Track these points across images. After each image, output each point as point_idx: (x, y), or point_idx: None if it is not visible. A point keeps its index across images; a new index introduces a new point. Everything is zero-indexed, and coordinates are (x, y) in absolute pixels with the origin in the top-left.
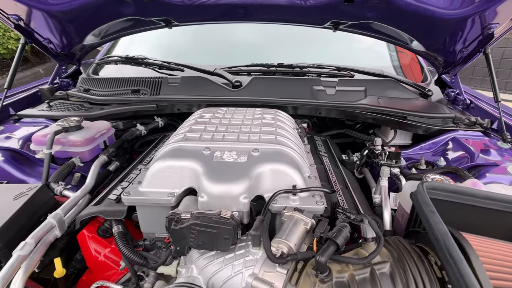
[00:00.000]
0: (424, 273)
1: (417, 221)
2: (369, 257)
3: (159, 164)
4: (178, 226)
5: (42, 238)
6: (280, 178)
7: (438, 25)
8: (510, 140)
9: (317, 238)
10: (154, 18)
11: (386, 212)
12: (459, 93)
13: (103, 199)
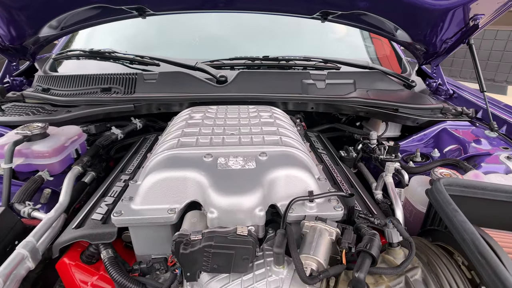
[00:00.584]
0: (457, 276)
1: (435, 219)
2: (403, 265)
3: (155, 177)
4: (188, 250)
5: (12, 274)
6: (294, 184)
7: (426, 15)
8: (497, 129)
9: (346, 249)
10: (126, 6)
11: (399, 211)
12: (441, 84)
13: (85, 220)
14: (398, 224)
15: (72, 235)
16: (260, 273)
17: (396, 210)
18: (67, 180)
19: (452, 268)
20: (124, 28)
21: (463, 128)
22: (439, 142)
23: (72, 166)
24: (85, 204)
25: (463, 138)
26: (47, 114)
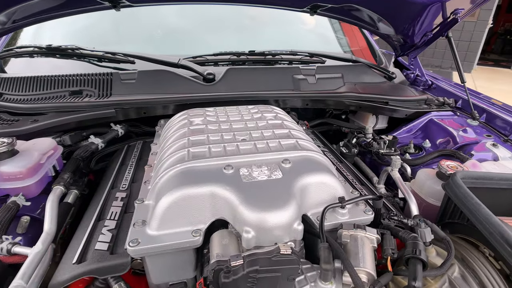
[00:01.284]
0: (491, 269)
1: (453, 212)
2: (445, 265)
3: (173, 196)
4: (231, 278)
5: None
6: (323, 191)
7: (412, 9)
8: (478, 118)
9: (390, 256)
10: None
11: (413, 206)
12: (419, 75)
13: (85, 251)
14: (432, 224)
15: (77, 271)
16: None
17: (410, 205)
18: (50, 204)
19: (485, 261)
20: (72, 23)
21: (447, 118)
22: (428, 132)
23: (53, 186)
24: (74, 229)
25: (450, 128)
26: (7, 125)
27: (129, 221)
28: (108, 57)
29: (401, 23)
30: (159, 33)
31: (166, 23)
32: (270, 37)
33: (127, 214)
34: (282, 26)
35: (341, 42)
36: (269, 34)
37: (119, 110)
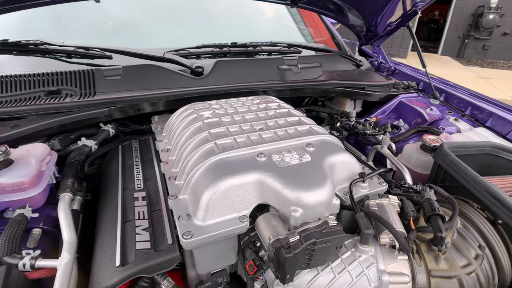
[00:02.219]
0: (482, 218)
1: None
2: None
3: (218, 186)
4: (292, 253)
5: None
6: (346, 169)
7: (380, 2)
8: (438, 97)
9: (412, 217)
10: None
11: (407, 175)
12: (383, 62)
13: (125, 253)
14: (437, 187)
15: (125, 273)
16: (347, 256)
17: (404, 175)
18: (63, 213)
19: (477, 212)
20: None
21: (414, 99)
22: (400, 113)
23: (60, 194)
24: (86, 236)
25: (418, 108)
26: None
27: (159, 219)
28: (81, 53)
29: (369, 15)
30: (110, 24)
31: (120, 15)
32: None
33: (154, 212)
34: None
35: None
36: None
37: (112, 108)
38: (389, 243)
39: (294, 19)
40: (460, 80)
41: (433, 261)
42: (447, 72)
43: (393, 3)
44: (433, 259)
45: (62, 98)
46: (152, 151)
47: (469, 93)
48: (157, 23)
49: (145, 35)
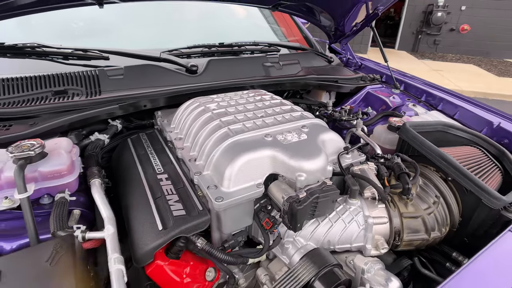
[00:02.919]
0: (438, 176)
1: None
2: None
3: (238, 161)
4: (302, 205)
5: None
6: (333, 144)
7: (347, 6)
8: (399, 87)
9: (386, 176)
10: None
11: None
12: (350, 58)
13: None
14: (403, 155)
15: (170, 234)
16: (340, 209)
17: (376, 149)
18: (97, 195)
19: (433, 173)
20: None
21: (378, 89)
22: (368, 101)
23: (90, 180)
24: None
25: (383, 96)
26: (4, 130)
27: (185, 193)
28: (78, 54)
29: (338, 17)
30: (80, 25)
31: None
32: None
33: (179, 189)
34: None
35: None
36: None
37: (123, 105)
38: (371, 196)
39: (268, 21)
40: (415, 72)
41: (403, 207)
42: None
43: (358, 7)
44: (403, 205)
45: (69, 97)
46: (161, 141)
47: (424, 83)
48: (139, 25)
49: (124, 37)
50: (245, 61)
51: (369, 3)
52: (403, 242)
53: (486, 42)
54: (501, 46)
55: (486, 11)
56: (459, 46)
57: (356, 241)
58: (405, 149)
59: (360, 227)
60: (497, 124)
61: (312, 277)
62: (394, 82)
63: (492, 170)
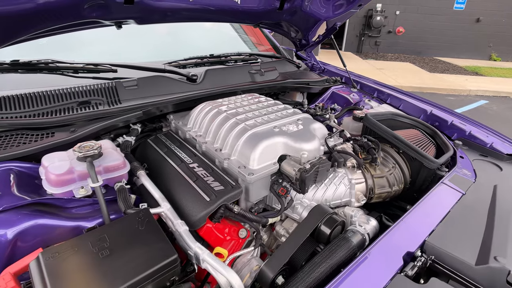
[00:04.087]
0: (393, 151)
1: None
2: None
3: (260, 146)
4: (309, 173)
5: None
6: (320, 131)
7: (313, 22)
8: (356, 87)
9: (360, 152)
10: (114, 20)
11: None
12: (314, 63)
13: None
14: (368, 137)
15: (216, 203)
16: (331, 176)
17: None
18: (147, 182)
19: (390, 148)
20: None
21: (341, 89)
22: (333, 99)
23: (137, 172)
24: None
25: (345, 95)
26: (48, 137)
27: (217, 175)
28: (89, 68)
29: (304, 30)
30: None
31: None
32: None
33: (210, 172)
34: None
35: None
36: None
37: (145, 111)
38: (351, 165)
39: (238, 32)
40: (362, 71)
41: (373, 171)
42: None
43: (320, 23)
44: (373, 170)
45: (93, 107)
46: (179, 139)
47: (374, 82)
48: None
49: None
50: (235, 70)
51: (329, 21)
52: (375, 195)
53: (419, 43)
54: (431, 46)
55: (417, 15)
56: (396, 47)
57: (344, 197)
58: (368, 133)
59: (346, 187)
60: (430, 112)
61: (319, 223)
62: (352, 83)
63: (429, 144)
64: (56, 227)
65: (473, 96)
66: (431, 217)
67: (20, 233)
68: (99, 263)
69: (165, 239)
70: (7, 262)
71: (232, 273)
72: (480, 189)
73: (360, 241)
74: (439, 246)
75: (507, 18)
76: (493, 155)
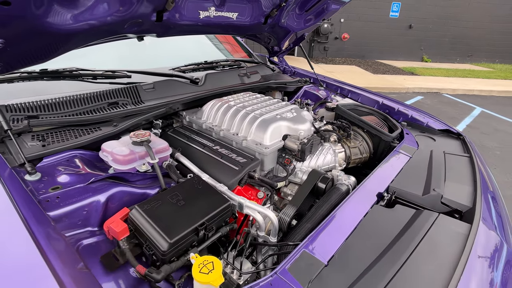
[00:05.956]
0: (361, 130)
1: None
2: (350, 129)
3: (270, 128)
4: (307, 145)
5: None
6: (308, 117)
7: (286, 34)
8: (323, 85)
9: (338, 131)
10: (142, 34)
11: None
12: (286, 67)
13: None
14: (342, 120)
15: (244, 171)
16: (320, 148)
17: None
18: (186, 161)
19: (358, 129)
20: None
21: (311, 87)
22: (306, 96)
23: (175, 154)
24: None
25: (315, 92)
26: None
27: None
28: (107, 75)
29: (279, 39)
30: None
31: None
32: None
33: (232, 151)
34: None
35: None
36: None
37: (168, 108)
38: (333, 140)
39: (212, 41)
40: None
41: (349, 143)
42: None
43: (290, 34)
44: (349, 142)
45: (121, 106)
46: (195, 130)
47: (336, 81)
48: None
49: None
50: (228, 74)
51: (297, 32)
52: (352, 161)
53: (362, 47)
54: (373, 50)
55: (359, 23)
56: (343, 51)
57: (331, 163)
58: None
59: (332, 156)
60: (381, 102)
61: (317, 180)
62: (319, 82)
63: (383, 126)
64: (132, 193)
65: (410, 93)
66: (391, 171)
67: (110, 197)
68: (180, 209)
69: (219, 193)
70: (103, 218)
71: (268, 210)
72: (421, 153)
73: (346, 189)
74: (398, 187)
75: (433, 25)
76: (429, 131)
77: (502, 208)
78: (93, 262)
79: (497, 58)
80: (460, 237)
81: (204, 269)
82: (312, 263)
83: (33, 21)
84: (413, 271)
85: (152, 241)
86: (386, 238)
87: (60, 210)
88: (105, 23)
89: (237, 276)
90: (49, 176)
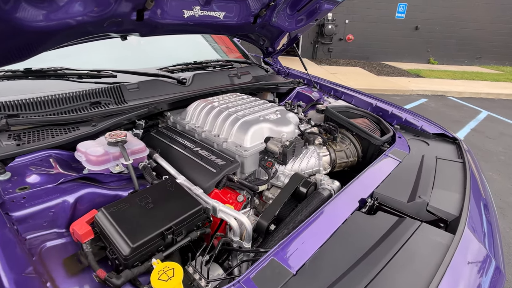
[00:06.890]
0: (349, 133)
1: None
2: (338, 132)
3: (251, 130)
4: (289, 148)
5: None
6: (294, 119)
7: (279, 33)
8: (316, 87)
9: (324, 133)
10: (124, 33)
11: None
12: (280, 68)
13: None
14: (330, 123)
15: (221, 173)
16: (304, 151)
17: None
18: (163, 162)
19: (346, 131)
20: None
21: (304, 89)
22: (299, 97)
23: (153, 155)
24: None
25: (308, 93)
26: (74, 131)
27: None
28: (92, 74)
29: (272, 40)
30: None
31: None
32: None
33: (212, 153)
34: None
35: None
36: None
37: (150, 108)
38: (318, 143)
39: (208, 41)
40: (317, 76)
41: (335, 146)
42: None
43: (283, 34)
44: (334, 146)
45: (103, 106)
46: (178, 131)
47: (330, 82)
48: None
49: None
50: (217, 74)
51: (291, 32)
52: (337, 164)
53: (367, 49)
54: (378, 52)
55: (364, 24)
56: (347, 53)
57: (314, 167)
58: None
59: (316, 159)
60: (375, 104)
61: (298, 184)
62: (313, 83)
63: (375, 129)
64: (102, 195)
65: (415, 96)
66: (377, 176)
67: (79, 198)
68: (148, 212)
69: (192, 196)
70: (71, 219)
71: (242, 215)
72: (412, 158)
73: (328, 194)
74: (383, 193)
75: (440, 26)
76: (423, 135)
77: (493, 218)
78: (56, 264)
79: (507, 60)
80: (441, 248)
81: (164, 275)
82: (280, 272)
83: (3, 16)
84: (388, 282)
85: (115, 245)
86: (363, 247)
87: (24, 211)
88: (82, 22)
89: (205, 283)
90: (19, 176)
